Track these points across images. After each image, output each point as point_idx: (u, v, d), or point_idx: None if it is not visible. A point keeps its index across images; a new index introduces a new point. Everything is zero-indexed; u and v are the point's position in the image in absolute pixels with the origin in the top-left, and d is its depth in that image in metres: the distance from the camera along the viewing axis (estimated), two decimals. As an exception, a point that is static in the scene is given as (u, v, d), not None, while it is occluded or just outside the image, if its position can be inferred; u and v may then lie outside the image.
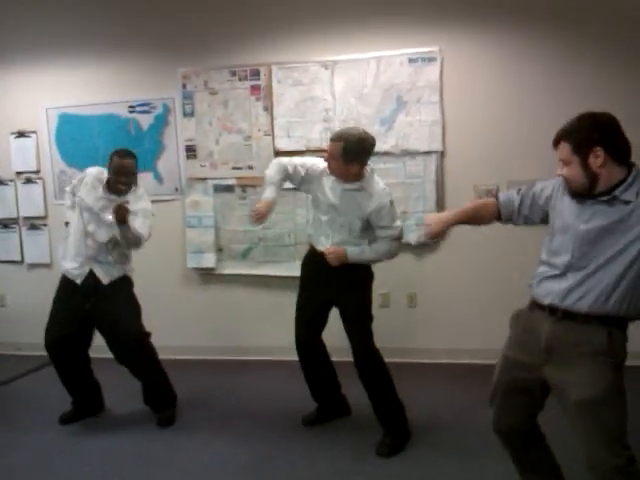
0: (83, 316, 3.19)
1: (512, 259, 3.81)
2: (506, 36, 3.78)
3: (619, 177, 1.79)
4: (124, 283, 3.26)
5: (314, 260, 2.99)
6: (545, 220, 2.02)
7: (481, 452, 2.72)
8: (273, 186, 2.90)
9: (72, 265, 3.21)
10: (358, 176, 2.80)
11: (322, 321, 3.07)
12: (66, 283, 3.25)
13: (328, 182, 2.86)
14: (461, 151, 3.90)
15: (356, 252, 2.83)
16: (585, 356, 1.83)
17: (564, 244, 1.89)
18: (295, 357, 3.11)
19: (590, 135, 1.79)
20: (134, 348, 3.16)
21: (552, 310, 1.90)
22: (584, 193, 1.84)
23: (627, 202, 1.78)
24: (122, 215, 3.03)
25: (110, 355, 3.22)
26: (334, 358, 3.16)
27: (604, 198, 1.81)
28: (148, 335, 3.27)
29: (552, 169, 1.94)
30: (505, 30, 3.78)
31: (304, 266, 3.10)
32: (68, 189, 3.34)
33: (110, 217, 3.07)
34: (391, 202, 2.84)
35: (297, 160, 3.02)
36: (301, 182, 2.97)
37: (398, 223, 2.89)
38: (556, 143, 1.87)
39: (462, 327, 4.00)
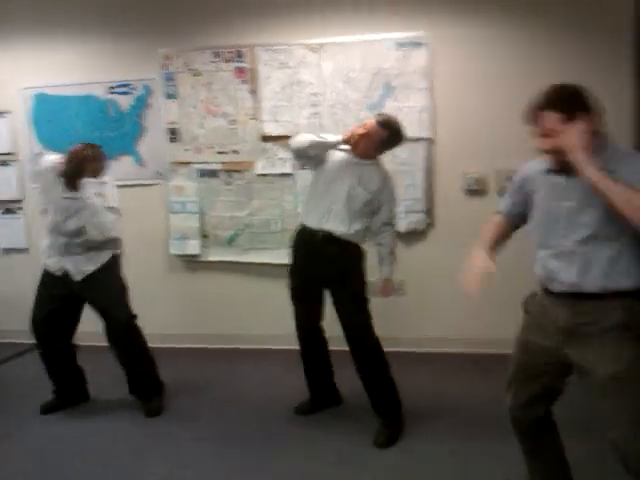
0: (68, 295, 3.12)
1: (506, 247, 3.80)
2: (496, 22, 3.71)
3: None
4: (108, 266, 3.14)
5: (303, 239, 2.96)
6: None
7: (474, 441, 2.77)
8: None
9: (51, 260, 3.13)
10: (371, 157, 2.89)
11: (320, 304, 3.02)
12: (49, 271, 3.16)
13: (339, 154, 2.89)
14: (451, 139, 3.84)
15: (387, 269, 2.96)
16: (604, 332, 1.78)
17: (553, 226, 1.87)
18: (281, 345, 3.08)
19: (577, 102, 1.83)
20: (123, 333, 3.13)
21: (562, 295, 1.86)
22: (568, 165, 1.79)
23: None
24: None
25: (95, 343, 3.15)
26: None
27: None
28: (134, 317, 3.19)
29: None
30: (495, 16, 3.70)
31: (294, 246, 3.03)
32: (36, 169, 3.22)
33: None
34: (392, 189, 2.96)
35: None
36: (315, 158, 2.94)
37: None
38: (538, 113, 1.85)
39: (451, 316, 3.97)
